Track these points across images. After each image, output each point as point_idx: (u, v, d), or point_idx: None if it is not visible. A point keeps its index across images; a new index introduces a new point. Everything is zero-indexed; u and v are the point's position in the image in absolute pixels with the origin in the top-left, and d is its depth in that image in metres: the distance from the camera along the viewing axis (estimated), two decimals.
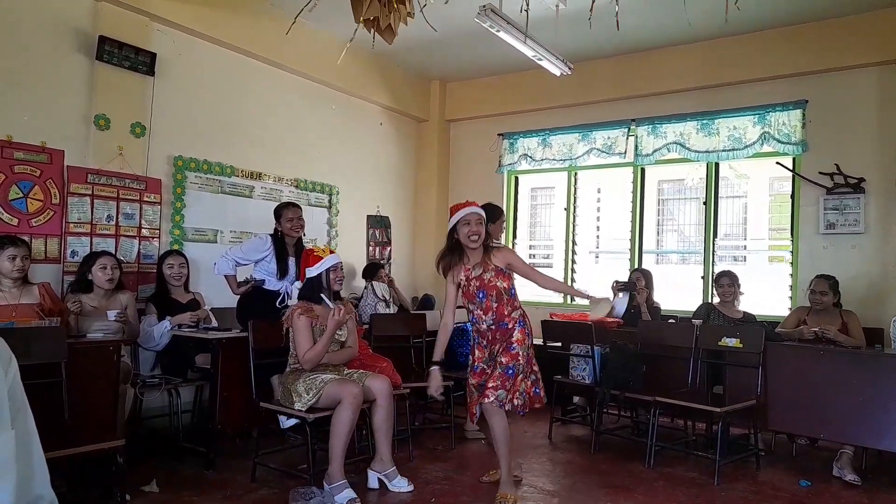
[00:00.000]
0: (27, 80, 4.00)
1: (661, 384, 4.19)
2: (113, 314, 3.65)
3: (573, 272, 6.75)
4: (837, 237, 5.28)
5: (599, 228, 8.04)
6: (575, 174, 6.81)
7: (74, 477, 3.12)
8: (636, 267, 6.02)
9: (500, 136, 6.96)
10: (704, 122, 5.79)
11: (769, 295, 6.09)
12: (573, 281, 6.75)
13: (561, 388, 4.76)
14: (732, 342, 4.06)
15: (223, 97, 5.15)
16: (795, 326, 4.43)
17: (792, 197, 5.62)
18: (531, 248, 8.02)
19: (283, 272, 4.30)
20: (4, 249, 3.42)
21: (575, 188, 6.82)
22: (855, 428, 3.62)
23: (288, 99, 5.72)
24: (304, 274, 3.62)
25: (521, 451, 4.30)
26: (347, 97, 6.31)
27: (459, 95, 7.29)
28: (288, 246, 4.37)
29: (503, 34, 4.45)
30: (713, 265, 5.93)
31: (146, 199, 4.55)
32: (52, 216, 4.09)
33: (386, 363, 3.94)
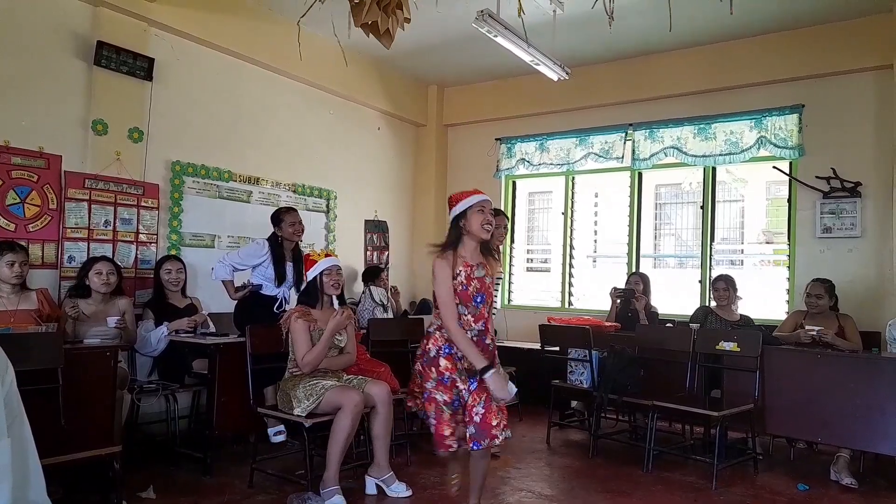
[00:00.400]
0: (25, 84, 4.00)
1: (658, 388, 4.19)
2: (113, 321, 3.64)
3: (571, 276, 6.76)
4: (834, 241, 5.29)
5: (597, 233, 8.04)
6: (572, 179, 6.82)
7: (71, 483, 3.11)
8: (634, 271, 6.03)
9: (497, 140, 6.98)
10: (701, 126, 5.80)
11: (766, 299, 6.10)
12: (571, 286, 6.76)
13: (559, 392, 4.76)
14: (730, 346, 4.06)
15: (221, 102, 5.15)
16: (792, 330, 4.44)
17: (789, 201, 5.64)
18: (529, 252, 8.02)
19: (280, 277, 4.30)
20: (3, 255, 3.42)
21: (572, 193, 6.84)
22: (852, 431, 3.63)
23: (286, 103, 5.72)
24: (306, 278, 3.64)
25: (519, 455, 4.29)
26: (345, 102, 6.32)
27: (457, 100, 7.31)
28: (286, 251, 4.37)
29: (501, 39, 4.46)
30: (710, 269, 5.94)
31: (144, 204, 4.55)
32: (49, 221, 4.09)
33: (384, 368, 3.94)
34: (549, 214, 8.67)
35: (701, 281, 5.96)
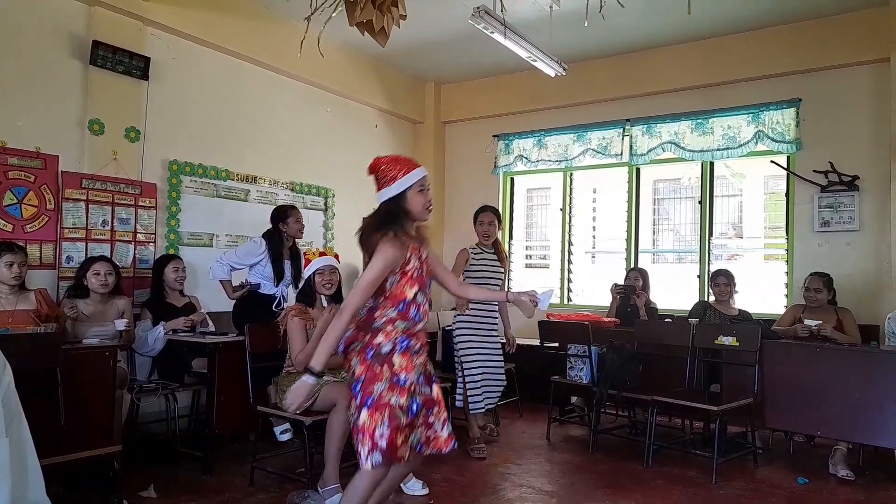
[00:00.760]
0: (21, 85, 3.99)
1: (658, 383, 4.19)
2: (122, 323, 3.68)
3: (570, 272, 6.76)
4: (832, 235, 5.30)
5: (595, 229, 8.06)
6: (570, 175, 6.83)
7: (71, 483, 3.10)
8: (633, 266, 6.04)
9: (495, 137, 6.97)
10: (699, 121, 5.80)
11: (765, 293, 6.11)
12: (570, 282, 6.76)
13: (558, 388, 4.77)
14: (729, 341, 4.07)
15: (218, 101, 5.14)
16: (791, 324, 4.44)
17: (787, 195, 5.64)
18: (527, 248, 8.03)
19: (279, 275, 4.30)
20: (2, 256, 3.42)
21: (570, 189, 6.84)
22: (851, 425, 3.63)
23: (283, 102, 5.71)
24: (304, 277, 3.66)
25: (519, 451, 4.30)
26: (342, 100, 6.31)
27: (454, 97, 7.30)
28: (284, 248, 4.37)
29: (497, 36, 4.45)
30: (709, 264, 5.94)
31: (141, 203, 4.54)
32: (46, 222, 4.08)
33: None
34: (547, 211, 8.69)
35: (700, 276, 5.97)
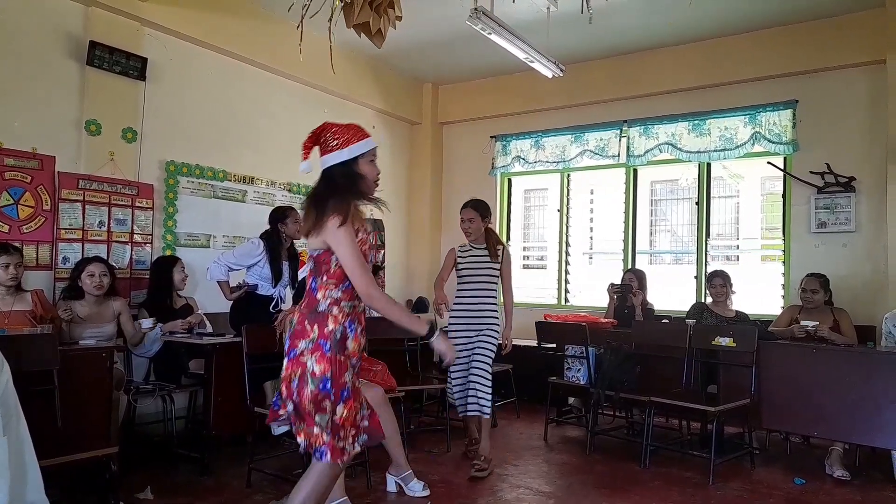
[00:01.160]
0: (17, 85, 3.98)
1: (655, 384, 4.19)
2: (148, 323, 3.81)
3: (567, 273, 6.76)
4: (829, 236, 5.31)
5: (593, 230, 8.07)
6: (568, 176, 6.83)
7: (68, 485, 3.10)
8: (629, 267, 6.04)
9: (492, 138, 6.97)
10: (696, 122, 5.81)
11: (761, 294, 6.12)
12: (567, 283, 6.76)
13: (556, 389, 4.78)
14: (726, 342, 4.07)
15: (215, 101, 5.14)
16: (788, 325, 4.45)
17: (783, 196, 5.65)
18: (525, 250, 8.02)
19: (277, 275, 4.29)
20: None
21: (568, 190, 6.84)
22: (847, 425, 3.64)
23: (280, 102, 5.70)
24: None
25: (517, 452, 4.30)
26: (340, 100, 6.30)
27: (452, 98, 7.30)
28: (282, 249, 4.37)
29: (494, 36, 4.46)
30: (706, 265, 5.95)
31: (138, 204, 4.53)
32: (43, 222, 4.07)
33: (381, 366, 3.93)
34: (544, 212, 8.68)
35: (697, 277, 5.97)
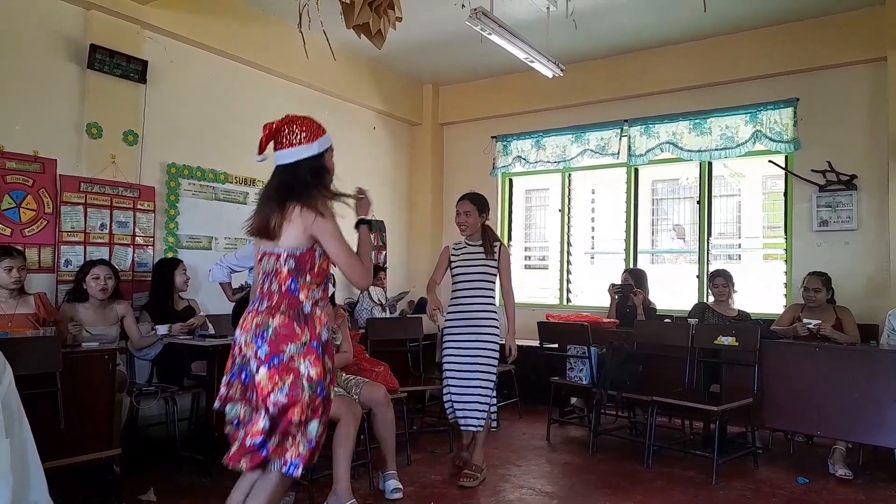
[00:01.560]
0: (19, 89, 3.99)
1: (657, 384, 4.19)
2: (164, 328, 3.83)
3: (569, 273, 6.76)
4: (830, 234, 5.30)
5: (594, 229, 8.08)
6: (569, 175, 6.83)
7: (71, 487, 3.10)
8: (629, 267, 6.04)
9: (493, 138, 6.97)
10: (697, 121, 5.81)
11: (764, 293, 6.12)
12: (569, 282, 6.76)
13: (558, 389, 4.77)
14: (728, 341, 4.07)
15: (216, 104, 5.14)
16: (790, 324, 4.44)
17: (785, 195, 5.65)
18: (526, 250, 8.03)
19: None
20: (1, 261, 3.42)
21: (569, 189, 6.84)
22: (850, 424, 3.64)
23: (280, 104, 5.67)
24: None
25: (519, 452, 4.30)
26: (340, 102, 6.31)
27: (452, 98, 7.30)
28: None
29: (495, 37, 4.46)
30: (708, 264, 5.95)
31: (139, 206, 4.54)
32: (45, 225, 4.08)
33: (383, 367, 3.93)
34: (546, 212, 8.69)
35: (699, 276, 5.97)
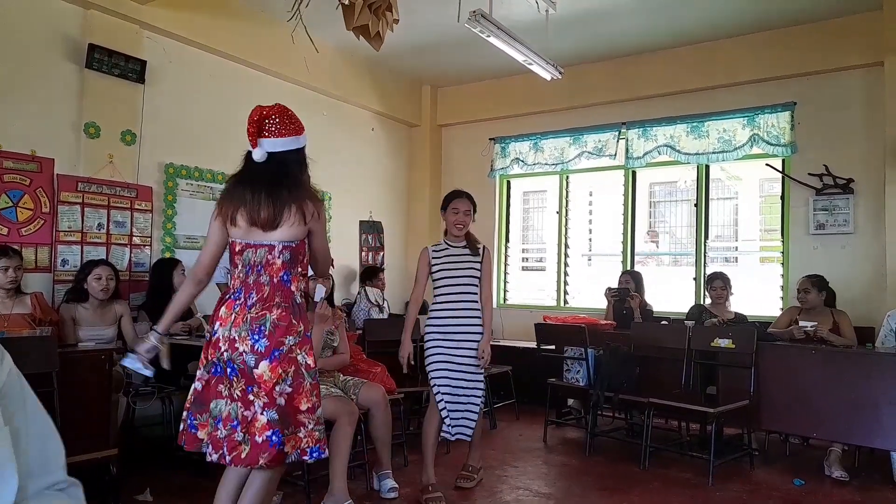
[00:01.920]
0: (16, 88, 3.99)
1: (654, 386, 4.20)
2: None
3: (566, 275, 6.77)
4: (827, 238, 5.32)
5: (592, 231, 8.07)
6: (567, 177, 6.84)
7: None
8: (627, 269, 6.05)
9: (491, 140, 6.98)
10: (694, 124, 5.82)
11: (760, 295, 6.12)
12: (566, 284, 6.77)
13: (555, 391, 4.78)
14: (725, 343, 4.08)
15: (214, 104, 5.14)
16: (787, 326, 4.46)
17: (782, 198, 5.66)
18: (524, 251, 8.02)
19: None
20: None
21: (567, 191, 6.85)
22: (847, 426, 3.65)
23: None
24: None
25: (516, 454, 4.30)
26: (338, 103, 6.32)
27: (451, 100, 7.31)
28: None
29: (493, 39, 4.46)
30: (705, 267, 5.96)
31: (137, 206, 4.54)
32: (42, 225, 4.07)
33: (379, 368, 3.94)
34: (543, 214, 8.68)
35: (696, 279, 5.98)
